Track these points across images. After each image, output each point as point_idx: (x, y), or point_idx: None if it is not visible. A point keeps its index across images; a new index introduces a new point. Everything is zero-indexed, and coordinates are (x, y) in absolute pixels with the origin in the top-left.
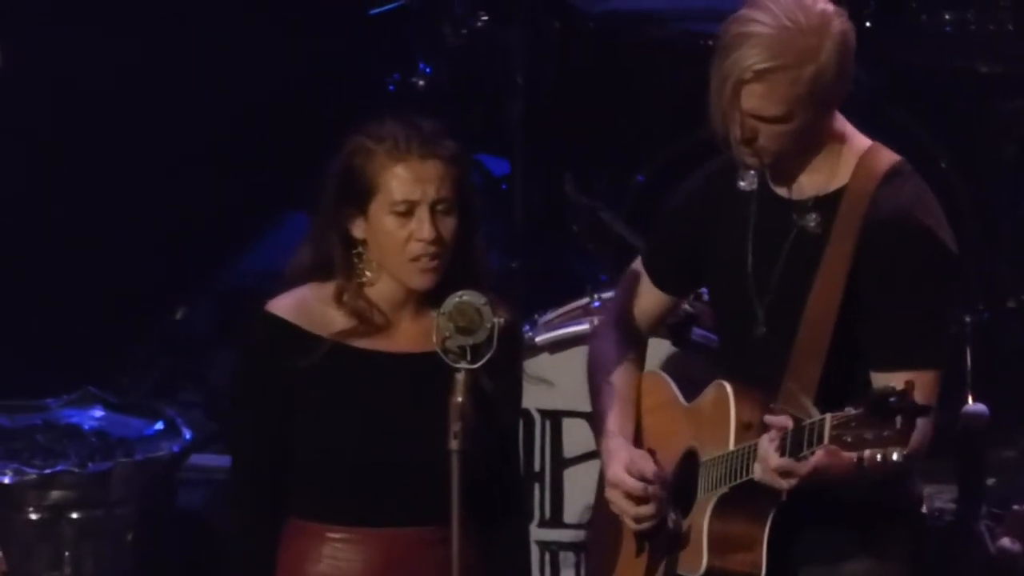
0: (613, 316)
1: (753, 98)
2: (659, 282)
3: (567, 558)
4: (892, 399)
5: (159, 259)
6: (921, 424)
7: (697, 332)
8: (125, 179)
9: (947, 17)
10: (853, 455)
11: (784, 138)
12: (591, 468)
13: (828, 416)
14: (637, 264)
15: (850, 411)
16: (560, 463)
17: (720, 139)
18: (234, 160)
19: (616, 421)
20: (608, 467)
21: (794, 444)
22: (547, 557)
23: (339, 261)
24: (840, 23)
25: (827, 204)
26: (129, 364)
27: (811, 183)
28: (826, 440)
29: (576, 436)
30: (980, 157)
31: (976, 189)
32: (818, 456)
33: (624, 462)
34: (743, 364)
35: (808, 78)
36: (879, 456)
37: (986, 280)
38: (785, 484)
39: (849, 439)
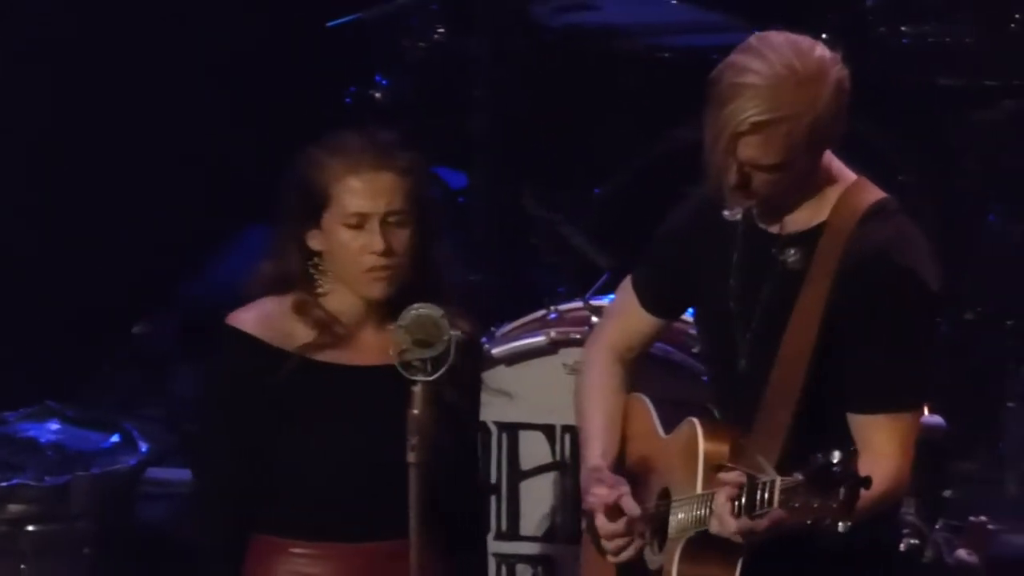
0: (603, 337)
1: (749, 148)
2: (649, 305)
3: (523, 570)
4: (835, 468)
5: (120, 272)
6: (893, 470)
7: (657, 346)
8: (85, 193)
9: (905, 29)
10: (805, 520)
11: (778, 184)
12: (547, 480)
13: (777, 480)
14: (627, 284)
15: (797, 476)
16: (517, 475)
17: (711, 180)
18: (194, 173)
19: (598, 448)
20: (584, 500)
21: (748, 502)
22: (504, 570)
23: (297, 273)
24: (837, 70)
25: (807, 240)
26: (90, 378)
27: (794, 218)
28: (775, 504)
29: (532, 448)
30: (940, 170)
31: (936, 202)
32: (773, 514)
33: (601, 496)
34: (727, 395)
35: (805, 127)
36: (824, 524)
37: (946, 292)
38: (742, 541)
39: (796, 505)
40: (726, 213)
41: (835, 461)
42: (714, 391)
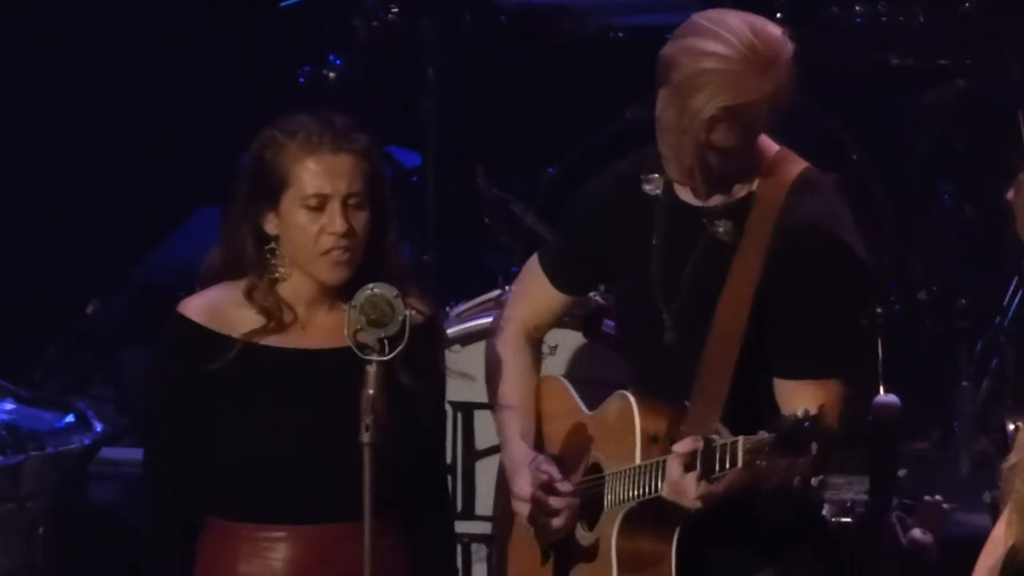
0: (510, 319)
1: (719, 133)
2: (560, 283)
3: (479, 550)
4: (806, 424)
5: (71, 254)
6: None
7: (608, 324)
8: (37, 175)
9: (858, 9)
10: (769, 479)
11: (734, 162)
12: None
13: (741, 439)
14: (532, 265)
15: (764, 435)
16: (472, 455)
17: (668, 162)
18: (146, 155)
19: (519, 429)
20: (514, 480)
21: (706, 466)
22: (459, 549)
23: (251, 258)
24: (789, 47)
25: (736, 211)
26: (42, 359)
27: (718, 190)
28: (739, 464)
29: (488, 428)
30: (892, 150)
31: (888, 182)
32: (731, 476)
33: (531, 474)
34: (652, 370)
35: (767, 108)
36: (795, 482)
37: (898, 272)
38: (698, 505)
39: (763, 464)
40: (647, 188)
41: (803, 418)
42: (634, 367)
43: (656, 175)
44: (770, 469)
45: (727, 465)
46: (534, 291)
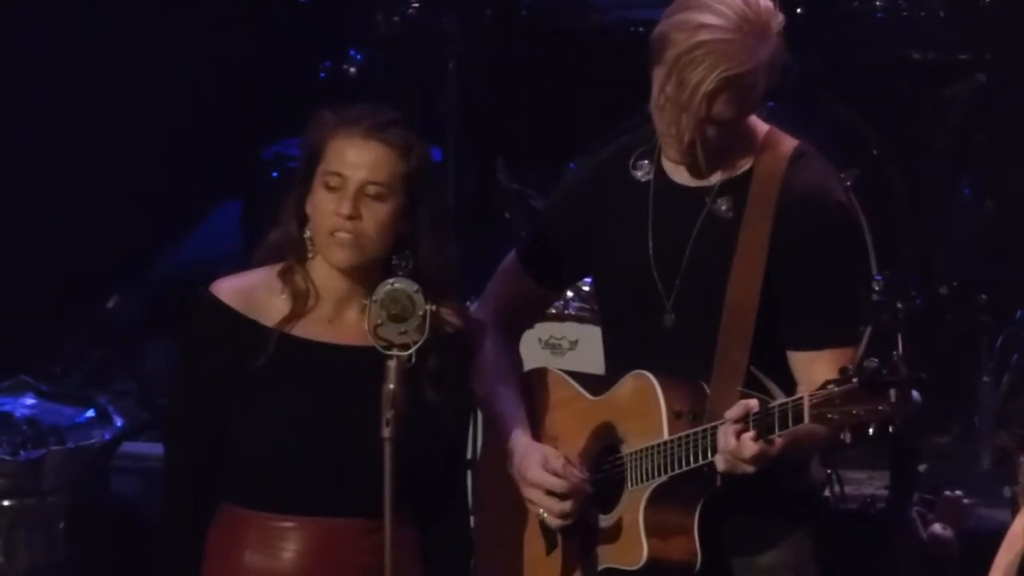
0: (491, 315)
1: (719, 104)
2: (540, 277)
3: None
4: (884, 371)
5: (92, 248)
6: None
7: None
8: (57, 169)
9: (879, 4)
10: (841, 431)
11: (731, 134)
12: None
13: (805, 396)
14: (511, 260)
15: (832, 388)
16: None
17: (665, 139)
18: (166, 149)
19: (518, 421)
20: (525, 467)
21: (762, 427)
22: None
23: (293, 239)
24: (780, 16)
25: (736, 187)
26: (62, 353)
27: (717, 168)
28: (806, 420)
29: None
30: (912, 144)
31: (909, 176)
32: (788, 435)
33: (539, 461)
34: (648, 354)
35: (764, 77)
36: (871, 430)
37: (919, 267)
38: (752, 469)
39: (834, 416)
40: (637, 174)
41: (882, 366)
42: (628, 353)
43: (645, 161)
44: (843, 420)
45: (789, 423)
46: (515, 286)
